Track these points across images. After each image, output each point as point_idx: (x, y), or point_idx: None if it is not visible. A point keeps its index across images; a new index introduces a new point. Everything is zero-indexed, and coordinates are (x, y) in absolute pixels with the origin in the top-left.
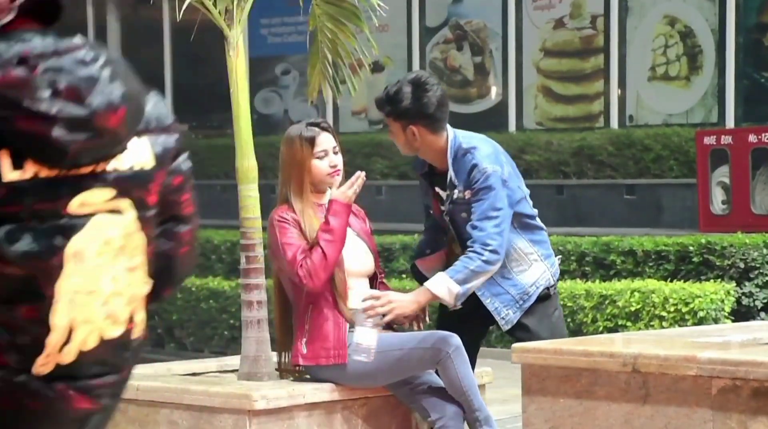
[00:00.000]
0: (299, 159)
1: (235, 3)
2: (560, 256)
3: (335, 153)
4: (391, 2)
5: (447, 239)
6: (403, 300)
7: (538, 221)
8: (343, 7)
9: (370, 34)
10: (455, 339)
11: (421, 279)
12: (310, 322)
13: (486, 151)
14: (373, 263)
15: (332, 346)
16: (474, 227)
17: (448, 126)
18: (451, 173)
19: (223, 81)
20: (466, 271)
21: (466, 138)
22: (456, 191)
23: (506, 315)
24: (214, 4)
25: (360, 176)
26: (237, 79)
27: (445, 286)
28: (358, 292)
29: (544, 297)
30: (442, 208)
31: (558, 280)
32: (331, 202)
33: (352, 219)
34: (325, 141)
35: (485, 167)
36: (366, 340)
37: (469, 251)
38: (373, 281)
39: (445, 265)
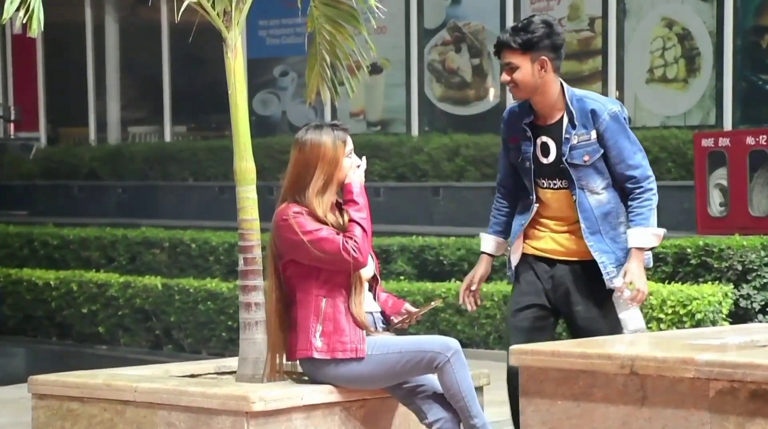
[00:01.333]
0: (334, 158)
1: (234, 4)
2: None
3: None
4: (389, 4)
5: (530, 202)
6: (641, 275)
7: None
8: (341, 8)
9: (368, 36)
10: (454, 343)
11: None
12: (324, 315)
13: (604, 98)
14: (374, 267)
15: (349, 340)
16: (629, 167)
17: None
18: (574, 113)
19: (221, 82)
20: (652, 211)
21: (576, 90)
22: (575, 135)
23: (611, 271)
24: (213, 6)
25: (364, 159)
26: (235, 80)
27: (648, 234)
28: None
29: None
30: (547, 159)
31: None
32: (348, 185)
33: None
34: (351, 141)
35: (611, 107)
36: (638, 323)
37: (638, 193)
38: (373, 285)
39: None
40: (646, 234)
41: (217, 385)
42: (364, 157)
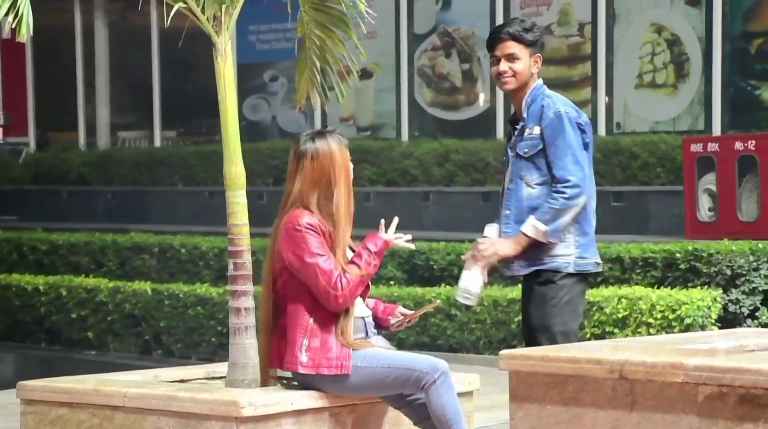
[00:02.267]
0: (344, 163)
1: (224, 9)
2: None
3: None
4: (379, 9)
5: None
6: (503, 243)
7: (591, 203)
8: (331, 14)
9: (358, 41)
10: (443, 365)
11: None
12: (311, 331)
13: (563, 99)
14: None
15: (336, 357)
16: (556, 166)
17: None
18: (524, 107)
19: (211, 87)
20: (550, 210)
21: (550, 91)
22: (527, 128)
23: (521, 263)
24: (203, 11)
25: (395, 221)
26: (225, 85)
27: (531, 226)
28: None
29: (550, 280)
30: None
31: (581, 275)
32: (380, 238)
33: None
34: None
35: (558, 108)
36: (473, 286)
37: (553, 192)
38: (364, 291)
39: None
40: (531, 224)
41: (206, 390)
42: (410, 238)
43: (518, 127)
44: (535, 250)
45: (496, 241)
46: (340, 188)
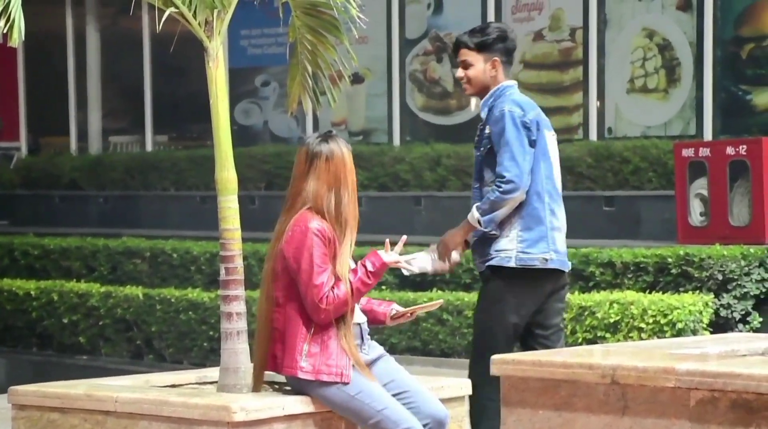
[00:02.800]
0: (351, 166)
1: (215, 14)
2: (545, 259)
3: None
4: (370, 14)
5: None
6: (452, 230)
7: (542, 199)
8: (323, 18)
9: (349, 46)
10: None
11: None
12: (311, 336)
13: (516, 98)
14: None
15: (336, 363)
16: (497, 163)
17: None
18: (484, 109)
19: (202, 92)
20: (487, 201)
21: (514, 90)
22: (485, 128)
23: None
24: (194, 16)
25: (404, 241)
26: (217, 90)
27: (471, 214)
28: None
29: (492, 275)
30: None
31: (526, 270)
32: (377, 255)
33: None
34: None
35: (503, 107)
36: (422, 263)
37: (493, 186)
38: None
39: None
40: (471, 212)
41: (198, 395)
42: (405, 239)
43: (480, 127)
44: (484, 245)
45: (449, 231)
46: (348, 192)
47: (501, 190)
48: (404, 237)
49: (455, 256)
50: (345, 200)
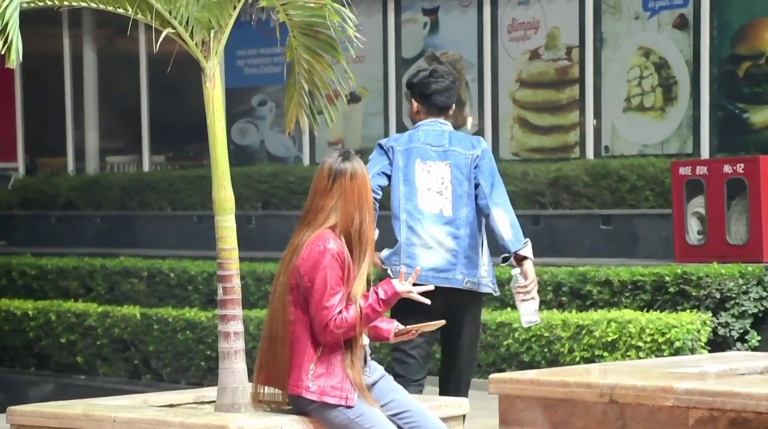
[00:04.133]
0: (365, 191)
1: (212, 35)
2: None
3: None
4: (367, 34)
5: None
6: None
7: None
8: (320, 38)
9: (346, 65)
10: None
11: None
12: (319, 358)
13: (404, 133)
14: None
15: (341, 387)
16: None
17: (434, 117)
18: None
19: (199, 112)
20: None
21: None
22: None
23: None
24: (191, 36)
25: (417, 271)
26: (213, 109)
27: None
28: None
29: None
30: None
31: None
32: (390, 284)
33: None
34: None
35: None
36: (528, 313)
37: None
38: None
39: None
40: None
41: (195, 414)
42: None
43: None
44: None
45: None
46: (369, 213)
47: None
48: (418, 267)
49: None
50: (367, 220)
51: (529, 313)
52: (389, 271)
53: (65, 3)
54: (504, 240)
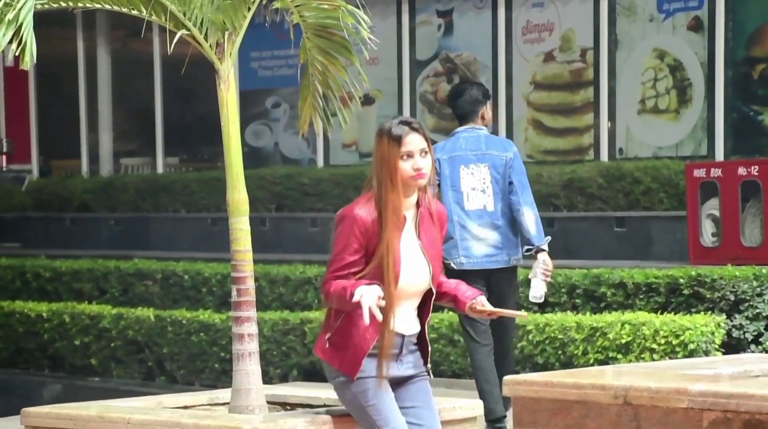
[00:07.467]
0: (386, 157)
1: (226, 36)
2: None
3: (422, 155)
4: (381, 35)
5: None
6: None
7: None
8: (333, 40)
9: (360, 67)
10: None
11: None
12: (338, 327)
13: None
14: (429, 281)
15: (349, 361)
16: None
17: (467, 124)
18: None
19: (213, 114)
20: None
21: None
22: None
23: None
24: (205, 38)
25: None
26: (228, 112)
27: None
28: (405, 308)
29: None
30: None
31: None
32: (365, 287)
33: (427, 227)
34: (413, 142)
35: None
36: (540, 291)
37: None
38: (427, 300)
39: None
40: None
41: (210, 416)
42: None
43: None
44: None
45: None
46: (389, 179)
47: None
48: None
49: None
50: (386, 185)
51: (540, 289)
52: (451, 264)
53: (79, 4)
54: (530, 234)
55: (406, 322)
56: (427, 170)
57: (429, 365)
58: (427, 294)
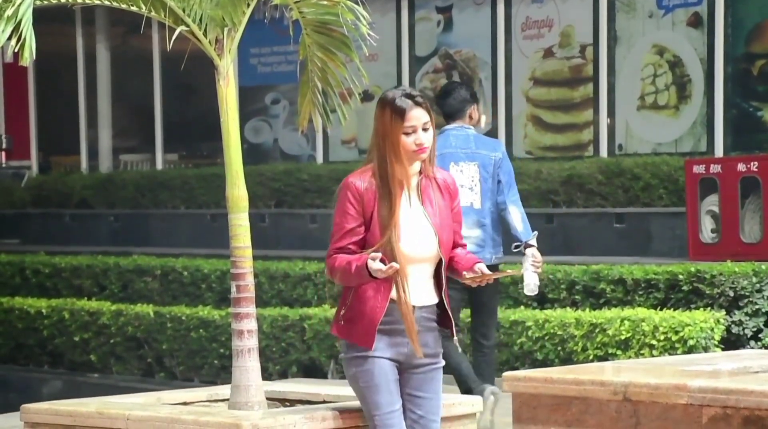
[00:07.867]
0: (388, 131)
1: (226, 32)
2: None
3: (425, 130)
4: (380, 32)
5: None
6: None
7: None
8: (333, 36)
9: (360, 63)
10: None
11: None
12: (351, 303)
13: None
14: (436, 249)
15: (359, 335)
16: None
17: (456, 123)
18: None
19: (213, 110)
20: None
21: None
22: None
23: None
24: (205, 34)
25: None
26: (227, 108)
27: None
28: (415, 278)
29: None
30: None
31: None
32: (369, 265)
33: (431, 195)
34: (416, 116)
35: None
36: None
37: None
38: (439, 270)
39: None
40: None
41: (209, 413)
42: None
43: None
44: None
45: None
46: (392, 152)
47: None
48: (396, 265)
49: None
50: (389, 158)
51: (533, 282)
52: None
53: (78, 1)
54: (517, 231)
55: (415, 292)
56: (429, 144)
57: (456, 335)
58: (439, 263)
